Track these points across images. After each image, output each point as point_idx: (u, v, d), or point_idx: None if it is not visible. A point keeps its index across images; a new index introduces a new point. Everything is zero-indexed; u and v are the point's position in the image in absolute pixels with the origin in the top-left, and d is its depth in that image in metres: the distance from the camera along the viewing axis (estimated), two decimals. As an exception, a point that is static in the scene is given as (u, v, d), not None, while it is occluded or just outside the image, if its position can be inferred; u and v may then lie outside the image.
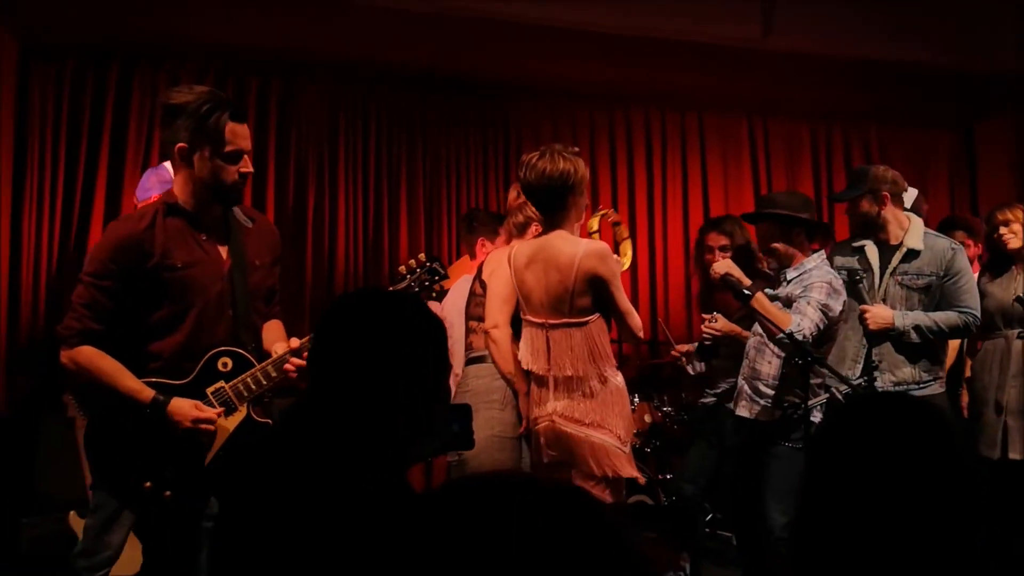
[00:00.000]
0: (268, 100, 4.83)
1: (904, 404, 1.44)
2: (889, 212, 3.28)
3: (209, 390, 2.18)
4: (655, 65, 4.96)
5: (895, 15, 4.77)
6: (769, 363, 3.09)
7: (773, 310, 2.95)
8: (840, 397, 2.89)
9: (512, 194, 3.26)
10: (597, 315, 2.60)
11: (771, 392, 3.07)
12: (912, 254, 3.25)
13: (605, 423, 2.58)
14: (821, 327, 2.94)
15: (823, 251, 3.19)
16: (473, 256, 3.65)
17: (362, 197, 4.97)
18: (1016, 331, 3.27)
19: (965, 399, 3.66)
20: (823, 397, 2.96)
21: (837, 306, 2.99)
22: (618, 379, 2.66)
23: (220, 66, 4.71)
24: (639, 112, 5.54)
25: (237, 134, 2.19)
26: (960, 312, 3.15)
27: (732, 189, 5.63)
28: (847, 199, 3.43)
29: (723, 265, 3.06)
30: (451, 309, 3.50)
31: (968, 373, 3.68)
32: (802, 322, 2.89)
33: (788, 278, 3.11)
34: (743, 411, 3.18)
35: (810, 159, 5.82)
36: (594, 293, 2.58)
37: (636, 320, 2.64)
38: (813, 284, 3.00)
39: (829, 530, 1.26)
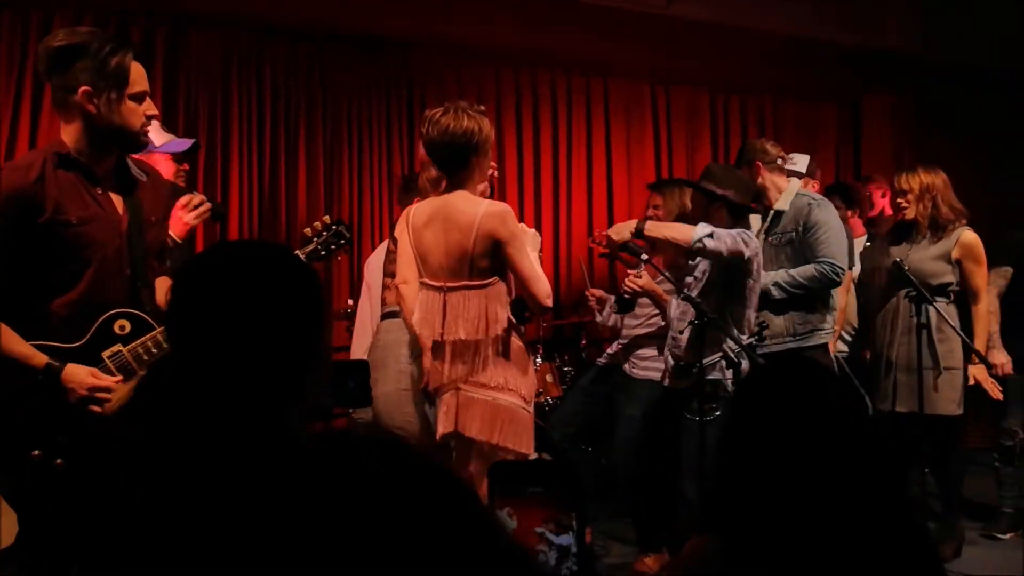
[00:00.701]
0: (153, 49, 4.54)
1: (790, 367, 1.53)
2: (766, 180, 3.48)
3: (105, 354, 2.03)
4: (561, 28, 4.95)
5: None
6: (683, 329, 3.18)
7: (667, 227, 3.04)
8: (733, 356, 3.01)
9: (423, 152, 3.22)
10: (497, 279, 2.53)
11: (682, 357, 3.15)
12: (779, 215, 3.43)
13: (508, 384, 2.54)
14: (734, 249, 2.92)
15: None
16: None
17: (257, 152, 4.76)
18: (904, 291, 3.41)
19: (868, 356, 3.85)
20: (716, 356, 3.08)
21: (748, 249, 2.96)
22: (518, 341, 2.61)
23: (98, 12, 4.39)
24: (545, 75, 5.54)
25: (140, 74, 2.07)
26: (817, 263, 3.27)
27: (635, 154, 5.74)
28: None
29: (617, 232, 3.09)
30: (372, 268, 3.47)
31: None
32: (701, 229, 2.91)
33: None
34: (668, 382, 3.25)
35: (709, 128, 5.99)
36: (495, 255, 2.49)
37: (541, 286, 2.51)
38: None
39: (742, 491, 1.32)
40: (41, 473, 1.97)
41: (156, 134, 2.91)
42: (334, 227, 2.50)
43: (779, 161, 3.51)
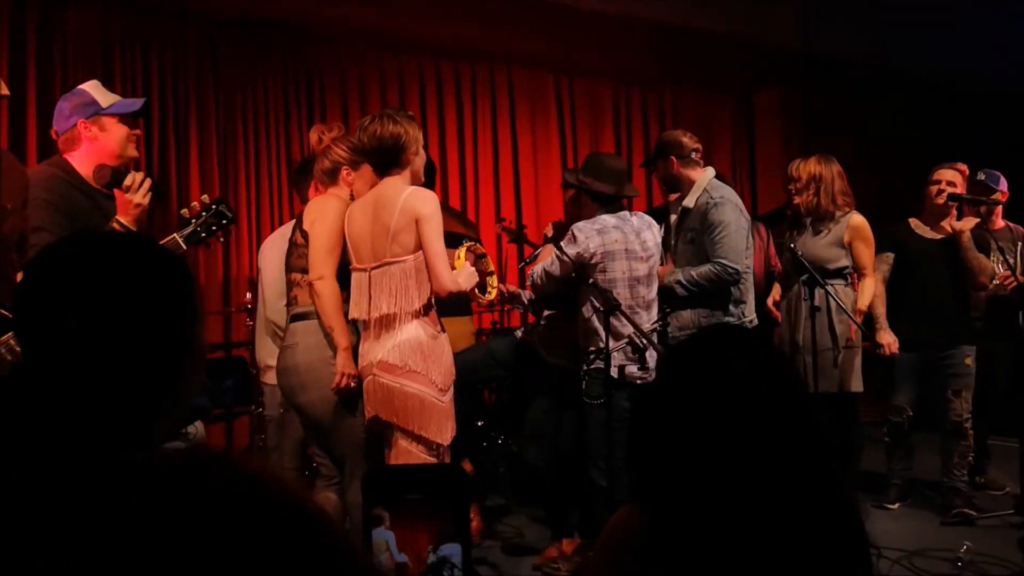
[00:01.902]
0: (24, 27, 4.22)
1: (720, 333, 1.50)
2: (680, 173, 3.50)
3: (2, 339, 1.86)
4: (463, 17, 4.90)
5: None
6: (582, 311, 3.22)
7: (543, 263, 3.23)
8: (639, 342, 3.03)
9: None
10: (419, 254, 2.60)
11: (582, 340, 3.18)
12: (686, 212, 3.48)
13: (419, 369, 2.57)
14: (550, 270, 3.14)
15: (606, 217, 3.19)
16: (305, 202, 3.43)
17: (144, 138, 4.50)
18: (803, 277, 3.52)
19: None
20: (621, 343, 3.10)
21: (571, 250, 3.08)
22: (436, 328, 2.66)
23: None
24: (449, 64, 5.47)
25: None
26: (712, 264, 3.33)
27: (540, 144, 5.74)
28: (647, 166, 3.78)
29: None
30: (267, 260, 3.29)
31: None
32: (537, 267, 3.15)
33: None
34: (568, 362, 3.25)
35: (611, 119, 6.06)
36: (415, 233, 2.59)
37: (444, 271, 2.57)
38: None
39: (666, 459, 1.28)
40: None
41: (99, 93, 2.57)
42: (214, 207, 2.40)
43: (693, 154, 3.53)
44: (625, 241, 3.12)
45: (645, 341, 2.96)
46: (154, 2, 4.44)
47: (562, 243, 3.11)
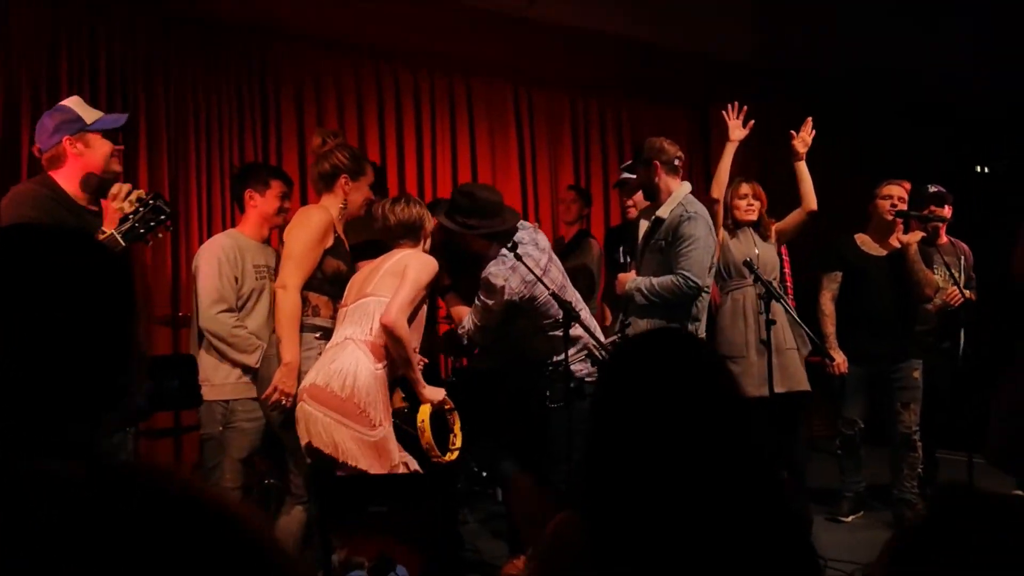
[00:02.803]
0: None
1: (670, 336, 1.48)
2: (662, 181, 3.50)
3: None
4: (423, 25, 4.86)
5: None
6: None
7: (458, 311, 3.28)
8: (597, 353, 3.03)
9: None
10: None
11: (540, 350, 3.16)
12: (659, 222, 3.48)
13: (342, 394, 2.62)
14: (479, 321, 3.15)
15: (505, 251, 3.11)
16: (243, 209, 3.34)
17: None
18: (760, 291, 3.62)
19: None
20: (578, 350, 3.08)
21: (493, 300, 3.07)
22: (382, 365, 2.74)
23: None
24: (407, 72, 5.41)
25: None
26: (675, 275, 3.35)
27: (499, 155, 5.71)
28: (628, 171, 3.82)
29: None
30: (203, 266, 3.17)
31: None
32: (465, 320, 3.18)
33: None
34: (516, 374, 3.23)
35: (570, 130, 6.06)
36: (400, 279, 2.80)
37: (399, 314, 2.73)
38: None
39: (607, 464, 1.26)
40: None
41: (83, 109, 2.61)
42: (152, 202, 2.36)
43: (676, 162, 3.54)
44: (535, 262, 3.07)
45: (603, 353, 2.95)
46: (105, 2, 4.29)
47: (480, 295, 3.09)
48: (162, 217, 2.37)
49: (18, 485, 0.58)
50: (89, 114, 2.63)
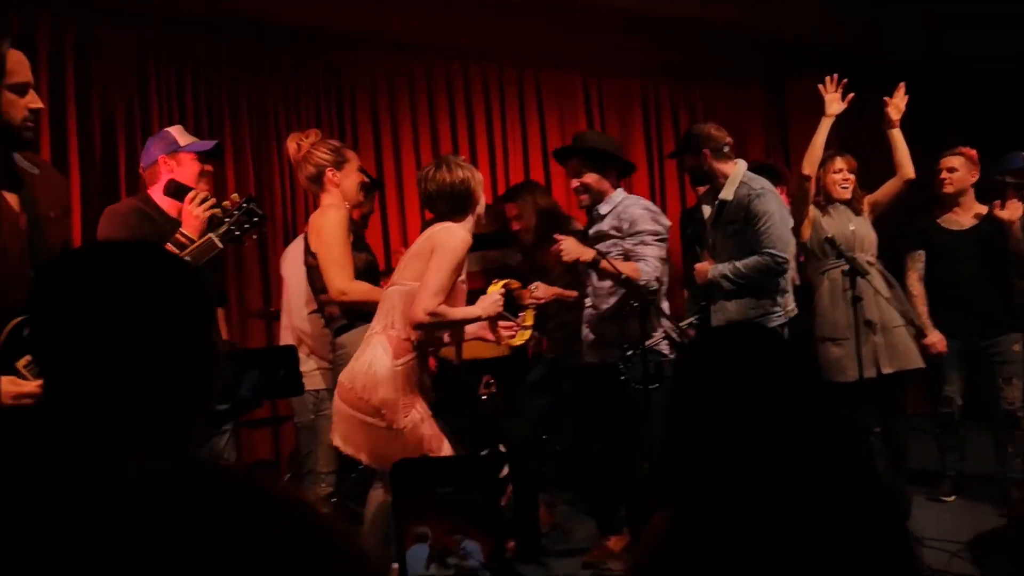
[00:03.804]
0: (62, 45, 4.30)
1: (745, 332, 1.48)
2: (713, 167, 3.45)
3: (20, 364, 1.85)
4: (491, 18, 4.90)
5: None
6: (608, 305, 3.19)
7: (620, 267, 3.05)
8: (676, 336, 3.00)
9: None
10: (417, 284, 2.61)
11: (614, 333, 3.15)
12: (723, 205, 3.43)
13: (362, 394, 2.57)
14: (663, 255, 3.09)
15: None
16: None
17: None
18: (844, 268, 3.52)
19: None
20: (659, 336, 3.07)
21: (663, 232, 3.18)
22: (400, 360, 2.62)
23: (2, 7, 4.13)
24: (476, 68, 5.48)
25: (20, 63, 1.90)
26: (760, 255, 3.29)
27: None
28: (674, 157, 3.79)
29: (569, 250, 3.08)
30: (289, 268, 3.33)
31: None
32: (647, 267, 3.03)
33: (602, 212, 3.25)
34: (592, 358, 3.24)
35: (641, 116, 6.01)
36: (427, 262, 2.60)
37: (429, 301, 2.53)
38: (636, 218, 3.12)
39: (695, 458, 1.26)
40: None
41: (180, 135, 2.99)
42: (246, 205, 2.46)
43: (725, 148, 3.50)
44: None
45: (681, 336, 2.93)
46: (186, 16, 4.50)
47: (647, 225, 3.16)
48: (256, 220, 2.46)
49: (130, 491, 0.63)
50: (184, 138, 2.98)
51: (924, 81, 5.91)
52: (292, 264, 3.35)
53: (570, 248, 3.07)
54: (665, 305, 3.28)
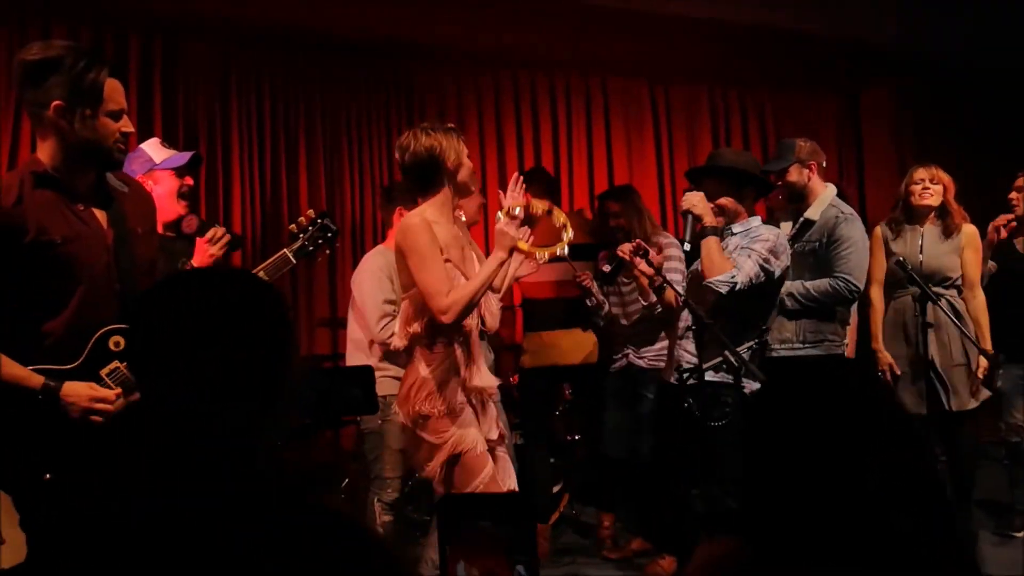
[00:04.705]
0: (151, 61, 4.54)
1: (823, 370, 1.48)
2: (813, 183, 3.43)
3: (103, 372, 2.02)
4: (557, 28, 4.93)
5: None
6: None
7: (716, 256, 2.91)
8: (734, 360, 2.94)
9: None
10: (413, 291, 2.54)
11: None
12: (808, 224, 3.37)
13: (406, 401, 2.55)
14: (755, 280, 2.90)
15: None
16: (391, 225, 3.58)
17: (258, 162, 4.76)
18: (916, 292, 3.37)
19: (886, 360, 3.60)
20: (716, 360, 3.02)
21: (777, 264, 2.96)
22: (426, 366, 2.54)
23: (94, 22, 4.38)
24: (543, 77, 5.52)
25: (117, 90, 2.04)
26: (833, 279, 3.22)
27: (635, 154, 5.71)
28: (776, 170, 3.51)
29: (690, 199, 2.94)
30: (362, 283, 3.43)
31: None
32: (737, 275, 2.89)
33: (734, 231, 3.07)
34: (671, 378, 3.19)
35: (709, 124, 5.94)
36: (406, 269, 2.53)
37: (437, 301, 2.43)
38: (758, 238, 2.99)
39: (771, 493, 1.28)
40: (52, 495, 1.96)
41: (155, 150, 2.98)
42: (320, 220, 2.52)
43: (824, 164, 3.49)
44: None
45: (738, 361, 2.87)
46: (266, 30, 4.68)
47: (763, 245, 2.95)
48: (329, 235, 2.52)
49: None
50: (160, 154, 2.97)
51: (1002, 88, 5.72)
52: (363, 279, 3.43)
53: (689, 198, 2.96)
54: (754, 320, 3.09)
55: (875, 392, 1.35)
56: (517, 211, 2.63)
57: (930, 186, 3.54)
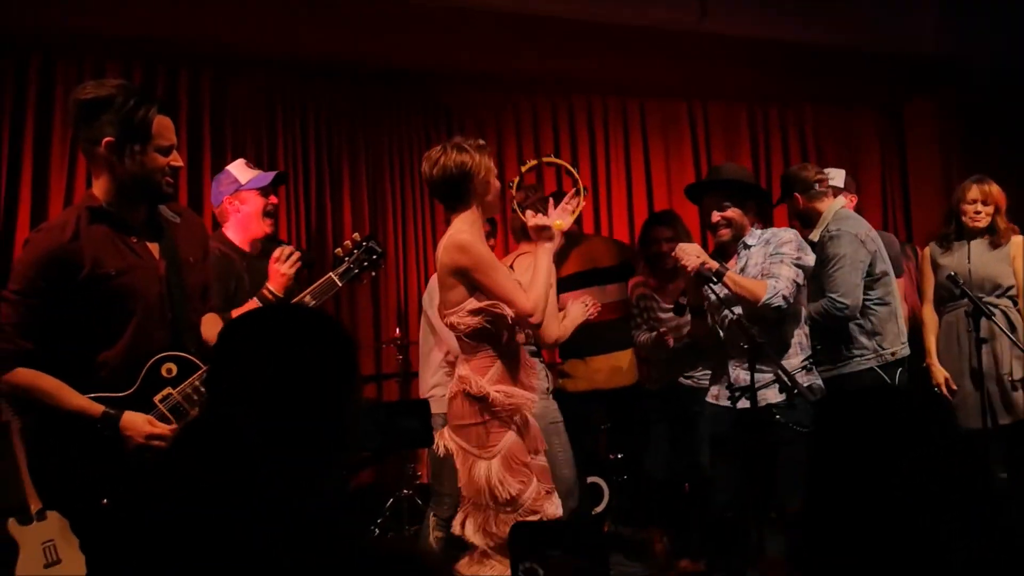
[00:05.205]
0: (200, 94, 4.69)
1: (872, 400, 1.46)
2: (808, 207, 3.45)
3: (156, 398, 2.09)
4: (594, 51, 4.96)
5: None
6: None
7: (745, 282, 2.93)
8: (786, 379, 2.91)
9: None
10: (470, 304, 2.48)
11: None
12: (813, 246, 3.34)
13: (459, 432, 2.51)
14: (800, 282, 2.93)
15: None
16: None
17: (303, 191, 4.87)
18: (968, 307, 3.36)
19: (941, 375, 3.58)
20: (768, 379, 2.99)
21: (808, 258, 3.00)
22: (478, 377, 2.50)
23: (146, 59, 4.55)
24: (581, 99, 5.56)
25: (166, 127, 2.12)
26: (825, 299, 3.22)
27: (674, 174, 5.69)
28: (778, 205, 3.70)
29: (691, 256, 2.95)
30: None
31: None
32: (778, 284, 2.89)
33: (748, 243, 3.08)
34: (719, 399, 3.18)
35: (748, 142, 5.92)
36: (467, 285, 2.47)
37: (522, 304, 2.44)
38: (782, 241, 3.00)
39: (831, 519, 1.27)
40: (110, 521, 2.01)
41: (241, 171, 3.08)
42: (365, 244, 2.55)
43: (817, 186, 3.44)
44: None
45: (791, 381, 2.83)
46: (309, 62, 4.80)
47: (791, 248, 2.99)
48: (374, 258, 2.55)
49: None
50: (245, 174, 3.08)
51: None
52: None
53: (690, 251, 2.95)
54: (798, 338, 3.09)
55: (932, 410, 1.32)
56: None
57: (982, 208, 3.55)
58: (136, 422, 2.03)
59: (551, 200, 2.86)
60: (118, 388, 2.07)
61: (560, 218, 2.71)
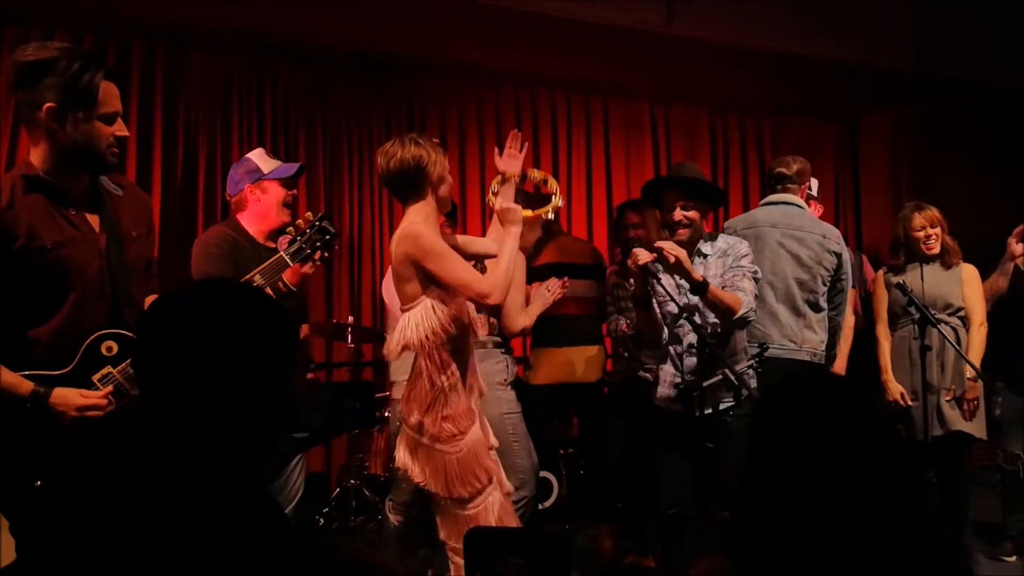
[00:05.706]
0: (154, 67, 4.56)
1: (812, 383, 1.46)
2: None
3: (95, 377, 1.99)
4: (560, 48, 4.97)
5: (789, 9, 4.95)
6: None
7: (724, 296, 2.90)
8: (734, 378, 2.94)
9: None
10: (422, 299, 2.45)
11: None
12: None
13: (413, 413, 2.48)
14: (755, 292, 3.01)
15: None
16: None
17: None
18: (916, 316, 3.42)
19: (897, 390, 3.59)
20: (717, 378, 3.01)
21: (756, 268, 3.07)
22: (440, 373, 2.47)
23: (97, 28, 4.40)
24: (544, 94, 5.55)
25: (111, 94, 2.01)
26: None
27: (634, 173, 5.73)
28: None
29: (645, 255, 2.88)
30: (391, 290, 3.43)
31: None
32: (747, 298, 2.91)
33: (704, 252, 3.05)
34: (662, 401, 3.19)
35: (708, 147, 5.98)
36: (421, 277, 2.44)
37: (478, 287, 2.42)
38: (739, 255, 3.01)
39: (764, 513, 1.27)
40: (43, 503, 1.92)
41: (263, 161, 3.00)
42: (317, 224, 2.46)
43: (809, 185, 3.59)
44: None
45: (738, 381, 2.86)
46: (270, 41, 4.70)
47: (749, 262, 3.00)
48: (327, 238, 2.46)
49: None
50: (267, 164, 2.99)
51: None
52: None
53: (668, 250, 2.84)
54: (742, 343, 3.12)
55: (871, 398, 1.33)
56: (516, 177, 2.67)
57: (931, 232, 3.60)
58: (66, 396, 1.93)
59: (519, 186, 2.85)
60: (55, 366, 1.96)
61: (507, 165, 2.71)
